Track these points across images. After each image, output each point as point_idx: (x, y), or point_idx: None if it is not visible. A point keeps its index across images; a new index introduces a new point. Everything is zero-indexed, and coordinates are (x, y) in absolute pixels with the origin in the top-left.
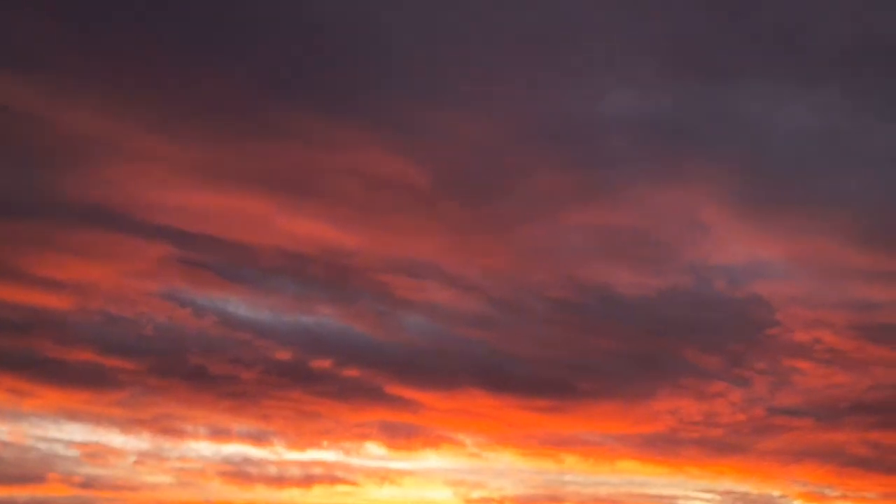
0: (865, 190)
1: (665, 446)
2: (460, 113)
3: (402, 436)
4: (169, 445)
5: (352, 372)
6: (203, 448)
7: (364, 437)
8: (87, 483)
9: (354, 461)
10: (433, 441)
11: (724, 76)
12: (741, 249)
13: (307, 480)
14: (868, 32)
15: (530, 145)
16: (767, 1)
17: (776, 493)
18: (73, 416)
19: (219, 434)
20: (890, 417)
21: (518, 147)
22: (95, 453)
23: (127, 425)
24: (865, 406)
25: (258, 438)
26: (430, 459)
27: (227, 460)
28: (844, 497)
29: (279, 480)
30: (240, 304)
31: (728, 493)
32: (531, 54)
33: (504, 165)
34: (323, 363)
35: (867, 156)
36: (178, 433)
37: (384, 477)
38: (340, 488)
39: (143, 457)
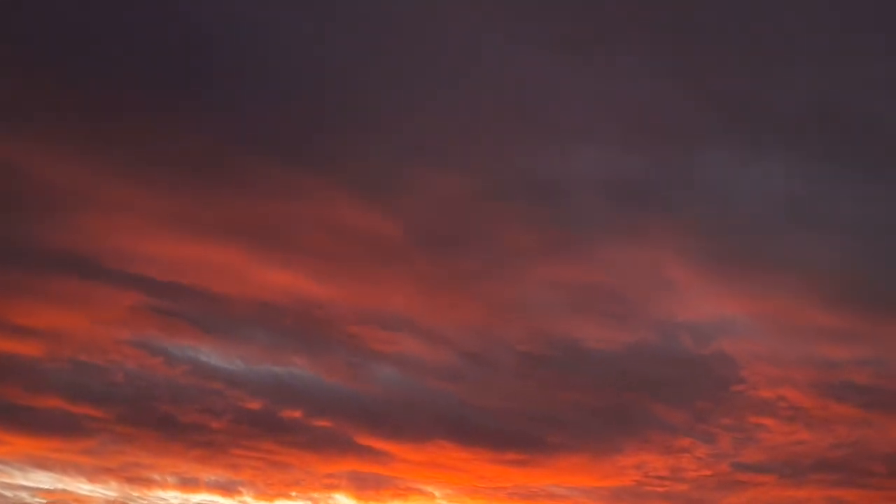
0: (827, 253)
1: (631, 500)
2: (433, 168)
3: (371, 487)
4: (136, 494)
5: (322, 422)
6: (171, 497)
7: (333, 487)
8: None
9: None
10: (402, 492)
11: (689, 140)
12: (707, 307)
13: None
14: (827, 101)
15: (501, 202)
16: (730, 68)
17: None
18: (39, 463)
19: (187, 483)
20: (851, 475)
21: (489, 203)
22: (62, 502)
23: (94, 474)
24: (828, 463)
25: (226, 488)
26: None
27: None
28: None
29: None
30: (211, 354)
31: None
32: (504, 113)
33: (475, 221)
34: (293, 413)
35: (827, 220)
36: (146, 482)
37: None
38: None
39: None
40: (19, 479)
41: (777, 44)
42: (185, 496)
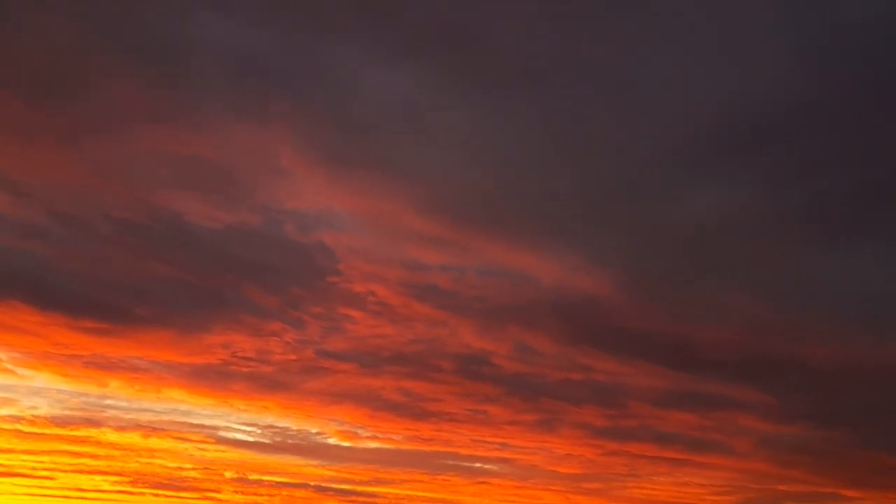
0: (433, 162)
1: (215, 378)
2: (38, 4)
3: None
4: None
5: None
6: None
7: None
8: None
9: None
10: None
11: (324, 30)
12: (314, 198)
13: None
14: (457, 19)
15: (112, 55)
16: None
17: (314, 430)
18: None
19: None
20: (422, 369)
21: (99, 55)
22: None
23: None
24: (403, 357)
25: None
26: None
27: None
28: (374, 437)
29: None
30: None
31: (269, 427)
32: None
33: (81, 70)
34: None
35: (438, 132)
36: None
37: None
38: None
39: None
40: None
41: None
42: None
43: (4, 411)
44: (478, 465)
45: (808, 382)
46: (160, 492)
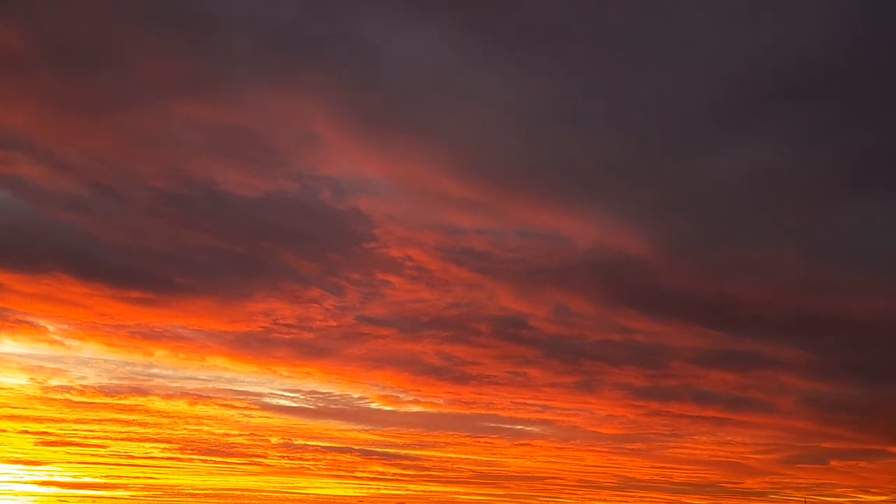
0: (465, 125)
1: (257, 346)
2: None
3: None
4: None
5: None
6: None
7: None
8: None
9: None
10: (11, 325)
11: None
12: (348, 164)
13: None
14: None
15: (145, 25)
16: None
17: (357, 395)
18: None
19: None
20: (462, 333)
21: (133, 25)
22: None
23: None
24: (443, 321)
25: None
26: (6, 344)
27: None
28: (416, 401)
29: None
30: None
31: (312, 393)
32: None
33: (116, 42)
34: None
35: (471, 94)
36: None
37: None
38: None
39: None
40: None
41: None
42: None
43: (55, 381)
44: (519, 427)
45: (849, 338)
46: (209, 458)
